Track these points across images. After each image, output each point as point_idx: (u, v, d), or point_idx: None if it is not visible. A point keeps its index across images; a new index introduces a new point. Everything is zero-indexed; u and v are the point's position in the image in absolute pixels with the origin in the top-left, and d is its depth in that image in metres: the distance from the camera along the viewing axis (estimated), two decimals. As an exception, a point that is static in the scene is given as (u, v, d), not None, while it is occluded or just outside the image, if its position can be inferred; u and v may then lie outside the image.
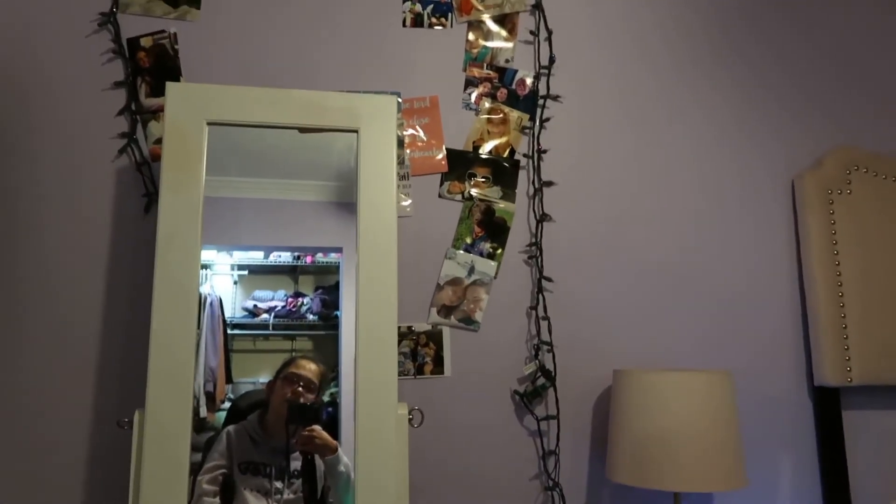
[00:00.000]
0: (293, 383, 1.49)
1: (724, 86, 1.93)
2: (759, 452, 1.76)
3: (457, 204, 1.76)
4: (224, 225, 1.53)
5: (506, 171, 1.78)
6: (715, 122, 1.91)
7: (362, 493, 1.35)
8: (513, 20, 1.85)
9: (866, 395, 1.81)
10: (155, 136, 1.66)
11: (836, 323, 1.75)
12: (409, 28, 1.81)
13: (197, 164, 1.43)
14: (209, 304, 1.55)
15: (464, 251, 1.73)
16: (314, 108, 1.50)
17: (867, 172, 1.83)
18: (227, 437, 1.46)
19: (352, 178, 1.51)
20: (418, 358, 1.68)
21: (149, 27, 1.71)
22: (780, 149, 1.92)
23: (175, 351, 1.35)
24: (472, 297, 1.72)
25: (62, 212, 1.62)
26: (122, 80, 1.68)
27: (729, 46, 1.95)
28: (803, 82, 1.97)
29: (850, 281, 1.77)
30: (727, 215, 1.87)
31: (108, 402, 1.57)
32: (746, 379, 1.78)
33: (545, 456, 1.69)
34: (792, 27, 1.99)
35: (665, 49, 1.91)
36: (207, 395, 1.50)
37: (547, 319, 1.72)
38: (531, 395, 1.68)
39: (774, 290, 1.85)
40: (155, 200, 1.61)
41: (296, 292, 1.66)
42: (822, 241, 1.79)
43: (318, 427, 1.45)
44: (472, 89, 1.81)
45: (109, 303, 1.60)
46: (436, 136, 1.78)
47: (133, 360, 1.57)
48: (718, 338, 1.81)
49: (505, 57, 1.83)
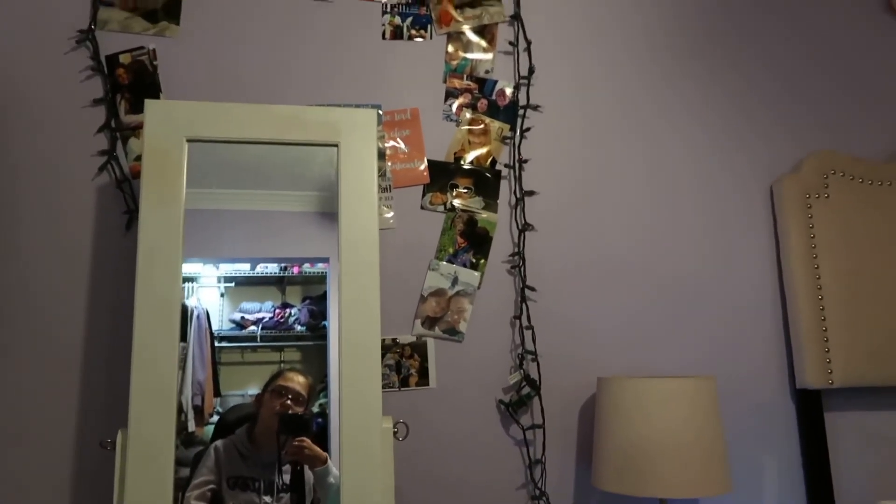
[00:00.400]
0: (282, 396, 1.49)
1: (707, 90, 1.94)
2: (742, 456, 1.77)
3: (439, 215, 1.76)
4: (210, 237, 1.52)
5: (488, 181, 1.79)
6: (697, 130, 1.92)
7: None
8: (492, 31, 1.86)
9: (848, 397, 1.83)
10: (135, 153, 1.65)
11: (816, 326, 1.76)
12: (389, 40, 1.82)
13: (177, 181, 1.42)
14: (196, 317, 1.54)
15: (447, 262, 1.74)
16: (294, 123, 1.50)
17: (844, 176, 1.85)
18: (215, 452, 1.45)
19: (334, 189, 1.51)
20: (403, 370, 1.68)
21: (128, 44, 1.70)
22: (763, 152, 1.94)
23: (158, 367, 1.34)
24: (456, 308, 1.72)
25: (42, 230, 1.61)
26: (101, 98, 1.68)
27: (713, 51, 1.96)
28: (787, 83, 1.98)
29: (829, 284, 1.78)
30: (708, 220, 1.88)
31: (91, 422, 1.56)
32: (729, 384, 1.79)
33: (531, 465, 1.69)
34: (775, 30, 2.01)
35: (647, 55, 1.93)
36: (195, 408, 1.50)
37: (531, 329, 1.73)
38: (516, 405, 1.68)
39: (756, 294, 1.86)
40: (136, 218, 1.60)
41: (283, 303, 1.66)
42: (802, 245, 1.81)
43: (308, 438, 1.45)
44: (453, 100, 1.81)
45: (91, 321, 1.59)
46: (417, 148, 1.78)
47: (116, 380, 1.56)
48: (701, 343, 1.82)
49: (485, 68, 1.84)
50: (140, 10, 1.72)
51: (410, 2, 1.83)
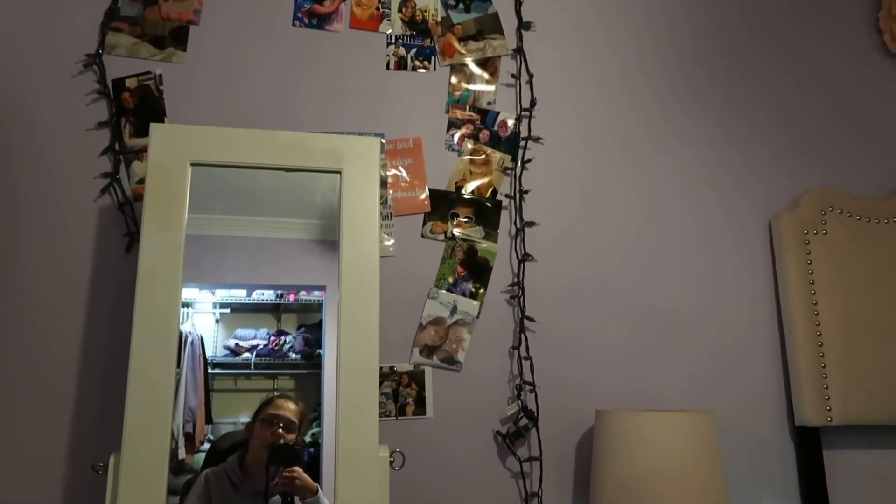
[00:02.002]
0: (273, 425, 1.47)
1: (706, 126, 1.96)
2: (741, 492, 1.75)
3: (439, 244, 1.77)
4: (207, 263, 1.52)
5: (488, 211, 1.80)
6: (697, 162, 1.94)
7: (342, 537, 1.33)
8: (495, 64, 1.88)
9: (847, 435, 1.81)
10: (138, 176, 1.66)
11: (815, 363, 1.76)
12: (393, 71, 1.84)
13: (180, 205, 1.43)
14: (190, 342, 1.53)
15: (446, 291, 1.74)
16: (298, 149, 1.51)
17: (842, 213, 1.87)
18: (205, 480, 1.43)
19: (335, 216, 1.51)
20: (400, 398, 1.67)
21: (134, 68, 1.72)
22: (761, 188, 1.95)
23: (154, 391, 1.33)
24: (455, 337, 1.72)
25: (43, 250, 1.61)
26: (106, 121, 1.69)
27: (711, 87, 1.99)
28: (786, 121, 2.00)
29: (828, 321, 1.78)
30: (709, 255, 1.89)
31: (83, 445, 1.54)
32: (727, 419, 1.77)
33: (528, 498, 1.67)
34: (775, 66, 2.03)
35: (646, 90, 1.95)
36: (187, 435, 1.48)
37: (529, 359, 1.72)
38: (514, 436, 1.67)
39: (756, 330, 1.86)
40: (136, 240, 1.60)
41: (278, 331, 1.65)
42: (800, 281, 1.81)
43: (299, 469, 1.42)
44: (455, 131, 1.83)
45: (88, 342, 1.58)
46: (419, 177, 1.79)
47: (110, 403, 1.54)
48: (699, 378, 1.81)
49: (487, 99, 1.86)
50: (147, 35, 1.74)
51: (415, 34, 1.86)
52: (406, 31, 1.86)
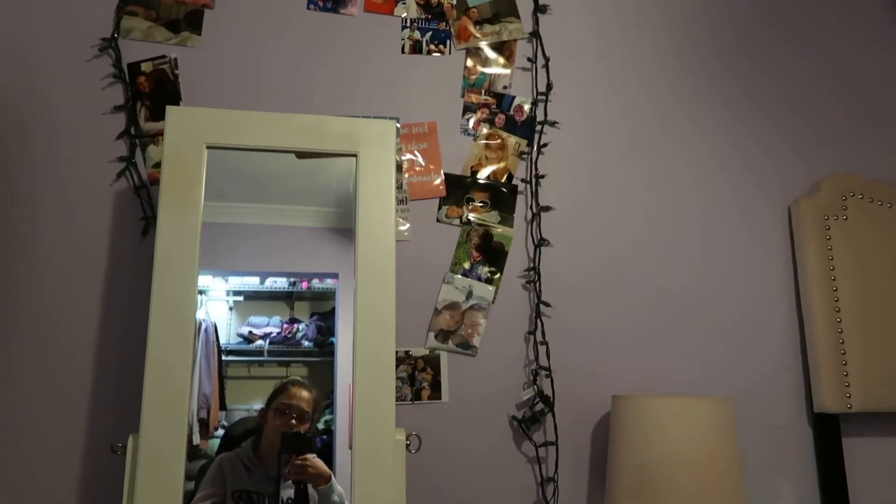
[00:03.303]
0: (285, 416, 1.46)
1: (722, 111, 1.94)
2: (758, 479, 1.74)
3: (455, 228, 1.76)
4: (220, 250, 1.52)
5: (504, 195, 1.79)
6: (714, 148, 1.92)
7: (359, 520, 1.33)
8: (510, 47, 1.87)
9: (867, 423, 1.80)
10: (154, 160, 1.66)
11: (834, 349, 1.74)
12: (408, 55, 1.83)
13: (196, 187, 1.43)
14: (203, 330, 1.53)
15: (462, 276, 1.73)
16: (313, 133, 1.51)
17: (863, 199, 1.84)
18: (220, 465, 1.43)
19: (348, 203, 1.51)
20: (416, 383, 1.67)
21: (149, 52, 1.72)
22: (778, 175, 1.93)
23: (171, 375, 1.33)
24: (470, 322, 1.71)
25: (59, 234, 1.62)
26: (121, 105, 1.69)
27: (727, 71, 1.96)
28: (801, 108, 1.98)
29: (848, 307, 1.76)
30: (726, 241, 1.87)
31: (101, 426, 1.55)
32: (745, 405, 1.76)
33: (543, 483, 1.67)
34: (790, 53, 2.00)
35: (662, 75, 1.93)
36: (201, 421, 1.48)
37: (545, 344, 1.71)
38: (529, 421, 1.66)
39: (773, 316, 1.84)
40: (153, 224, 1.61)
41: (291, 318, 1.65)
42: (820, 267, 1.79)
43: (312, 456, 1.42)
44: (471, 115, 1.82)
45: (105, 326, 1.59)
46: (434, 161, 1.78)
47: (128, 385, 1.55)
48: (718, 364, 1.80)
49: (503, 83, 1.84)
50: (163, 19, 1.74)
51: (430, 17, 1.85)
52: (421, 15, 1.84)
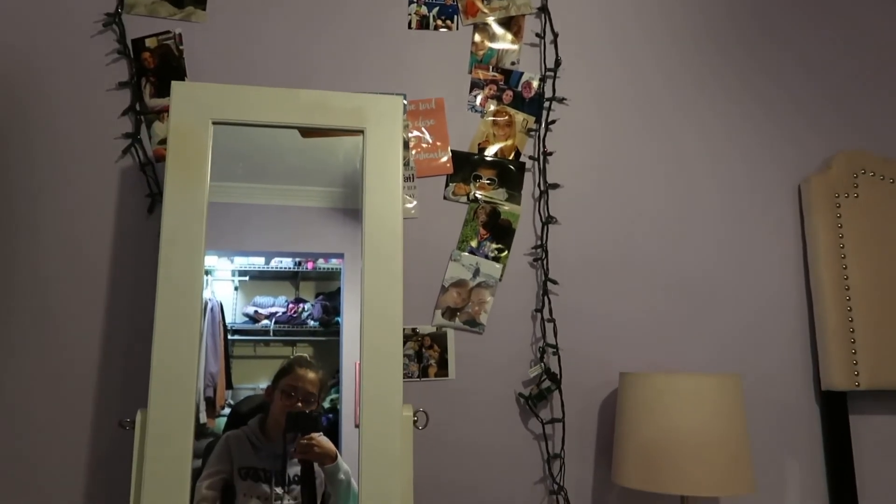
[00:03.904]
0: (291, 398, 1.46)
1: (733, 87, 1.92)
2: (765, 457, 1.74)
3: (462, 206, 1.75)
4: (225, 230, 1.51)
5: (511, 173, 1.78)
6: (724, 125, 1.90)
7: (367, 493, 1.34)
8: (518, 23, 1.84)
9: (874, 400, 1.79)
10: (159, 136, 1.65)
11: (843, 327, 1.73)
12: (415, 30, 1.81)
13: (202, 163, 1.42)
14: (210, 309, 1.53)
15: (469, 253, 1.72)
16: (320, 109, 1.49)
17: (875, 176, 1.82)
18: (227, 442, 1.44)
19: (354, 183, 1.50)
20: (423, 360, 1.67)
21: (154, 28, 1.70)
22: (789, 151, 1.91)
23: (178, 352, 1.34)
24: (477, 300, 1.71)
25: (65, 212, 1.61)
26: (126, 81, 1.68)
27: (739, 47, 1.94)
28: (815, 84, 1.96)
29: (857, 285, 1.75)
30: (736, 218, 1.86)
31: (109, 402, 1.56)
32: (752, 383, 1.76)
33: (550, 459, 1.67)
34: (803, 27, 1.98)
35: (673, 50, 1.91)
36: (207, 400, 1.49)
37: (552, 322, 1.71)
38: (536, 399, 1.66)
39: (782, 293, 1.84)
40: (159, 201, 1.60)
41: (297, 298, 1.64)
42: (829, 244, 1.78)
43: (318, 434, 1.43)
44: (478, 91, 1.80)
45: (112, 302, 1.59)
46: (441, 138, 1.77)
47: (135, 361, 1.56)
48: (724, 342, 1.79)
49: (510, 59, 1.82)
50: (167, -6, 1.72)
51: (437, -8, 1.83)
52: (428, -10, 1.82)
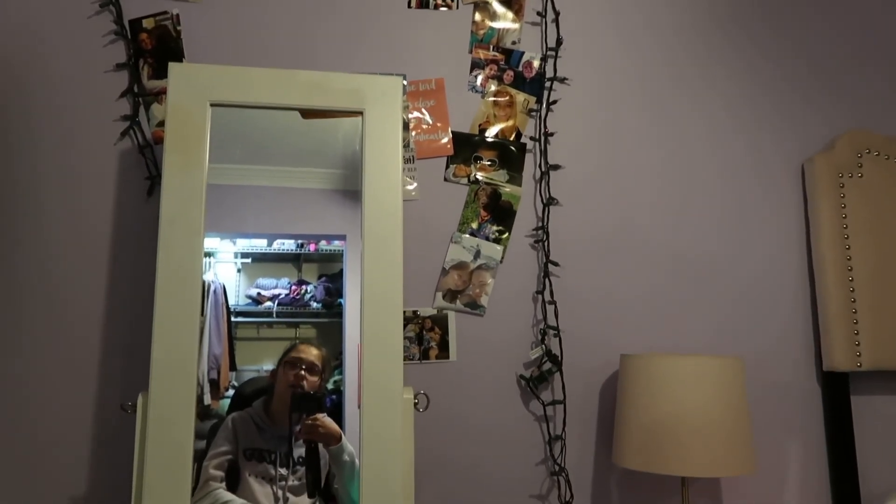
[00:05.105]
0: (295, 367, 1.48)
1: (735, 67, 1.90)
2: (766, 438, 1.74)
3: (462, 187, 1.74)
4: (227, 213, 1.51)
5: (512, 154, 1.76)
6: (726, 105, 1.88)
7: (368, 476, 1.34)
8: (519, 1, 1.82)
9: (876, 381, 1.79)
10: (157, 118, 1.64)
11: (846, 307, 1.73)
12: (415, 9, 1.79)
13: (200, 145, 1.41)
14: (213, 291, 1.54)
15: (469, 235, 1.72)
16: (318, 89, 1.48)
17: (879, 156, 1.81)
18: (232, 424, 1.45)
19: (355, 165, 1.49)
20: (424, 342, 1.67)
21: (151, 8, 1.69)
22: (791, 132, 1.89)
23: (178, 334, 1.34)
24: (478, 282, 1.70)
25: (63, 195, 1.61)
26: (124, 63, 1.66)
27: (740, 26, 1.92)
28: (817, 64, 1.94)
29: (860, 265, 1.74)
30: (737, 199, 1.85)
31: (111, 385, 1.56)
32: (754, 364, 1.76)
33: (551, 441, 1.68)
34: (804, 6, 1.95)
35: (675, 30, 1.89)
36: (211, 382, 1.50)
37: (553, 304, 1.70)
38: (537, 380, 1.66)
39: (784, 274, 1.83)
40: (158, 183, 1.59)
41: (299, 280, 1.65)
42: (833, 225, 1.77)
43: (322, 415, 1.44)
44: (479, 71, 1.78)
45: (112, 286, 1.59)
46: (441, 119, 1.76)
47: (136, 344, 1.56)
48: (726, 323, 1.79)
49: (511, 38, 1.80)
50: (164, -26, 1.70)
51: (437, -30, 1.80)
52: (428, -32, 1.80)
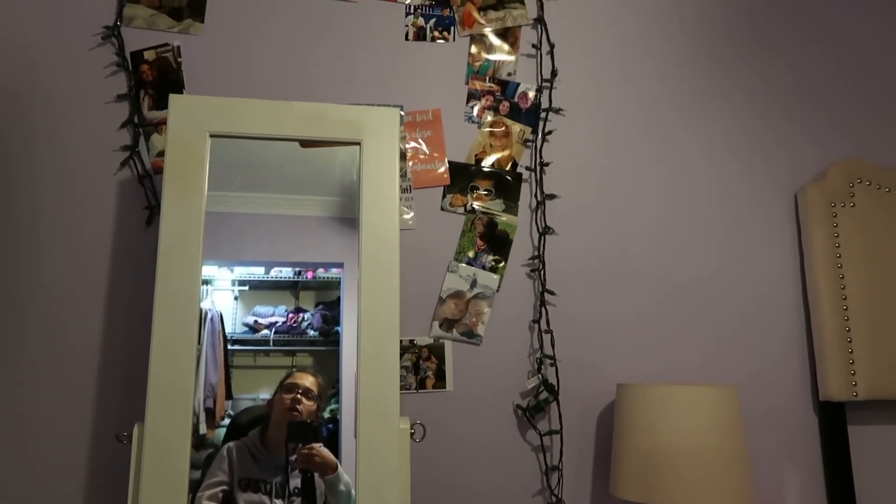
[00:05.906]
0: (291, 391, 1.47)
1: (731, 97, 1.92)
2: (763, 468, 1.74)
3: (459, 217, 1.75)
4: (225, 240, 1.52)
5: (508, 183, 1.78)
6: (721, 135, 1.90)
7: (363, 508, 1.33)
8: (515, 34, 1.85)
9: (873, 410, 1.79)
10: (157, 148, 1.66)
11: (840, 337, 1.73)
12: (412, 41, 1.82)
13: (199, 176, 1.42)
14: (209, 319, 1.53)
15: (466, 264, 1.72)
16: (317, 121, 1.50)
17: (871, 185, 1.83)
18: (227, 453, 1.44)
19: (353, 193, 1.50)
20: (420, 372, 1.67)
21: (152, 40, 1.71)
22: (785, 161, 1.91)
23: (175, 364, 1.34)
24: (475, 311, 1.71)
25: (63, 224, 1.62)
26: (125, 93, 1.68)
27: (735, 59, 1.95)
28: (811, 93, 1.96)
29: (854, 294, 1.75)
30: (732, 228, 1.86)
31: (107, 415, 1.55)
32: (751, 393, 1.76)
33: (548, 471, 1.67)
34: (799, 38, 1.98)
35: (670, 60, 1.91)
36: (207, 411, 1.49)
37: (550, 333, 1.71)
38: (534, 410, 1.66)
39: (779, 303, 1.84)
40: (157, 213, 1.60)
41: (296, 308, 1.64)
42: (826, 254, 1.78)
43: (318, 445, 1.43)
44: (475, 102, 1.81)
45: (109, 315, 1.59)
46: (438, 149, 1.77)
47: (133, 374, 1.56)
48: (723, 352, 1.79)
49: (507, 70, 1.83)
50: (165, 7, 1.73)
51: (434, 3, 1.83)
52: (425, 1, 1.83)
